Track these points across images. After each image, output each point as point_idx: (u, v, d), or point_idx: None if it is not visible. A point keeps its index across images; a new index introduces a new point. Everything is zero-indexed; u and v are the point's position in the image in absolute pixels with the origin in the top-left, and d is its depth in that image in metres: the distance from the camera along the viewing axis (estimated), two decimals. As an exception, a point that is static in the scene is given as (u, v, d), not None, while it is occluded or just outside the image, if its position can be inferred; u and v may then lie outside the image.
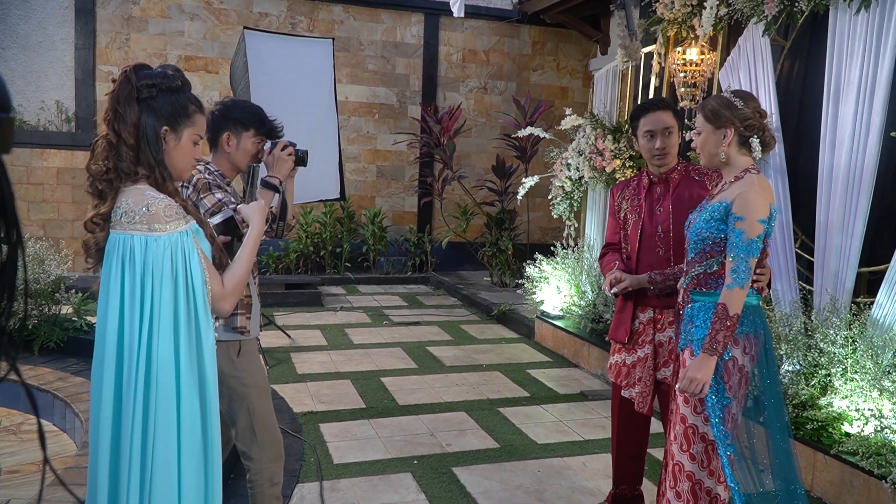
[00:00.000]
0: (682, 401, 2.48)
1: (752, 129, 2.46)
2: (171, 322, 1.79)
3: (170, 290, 1.79)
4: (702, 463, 2.45)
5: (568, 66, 10.99)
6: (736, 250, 2.35)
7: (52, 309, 5.24)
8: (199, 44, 9.37)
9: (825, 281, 4.02)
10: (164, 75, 1.88)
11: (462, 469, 3.78)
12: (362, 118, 10.18)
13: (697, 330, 2.45)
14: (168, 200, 1.83)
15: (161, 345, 1.78)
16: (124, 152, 1.83)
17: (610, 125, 6.16)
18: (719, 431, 2.37)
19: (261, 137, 2.70)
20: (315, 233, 9.53)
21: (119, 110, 1.82)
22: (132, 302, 1.79)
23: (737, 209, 2.37)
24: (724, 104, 2.47)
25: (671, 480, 2.51)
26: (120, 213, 1.82)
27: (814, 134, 4.27)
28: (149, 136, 1.85)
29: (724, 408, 2.38)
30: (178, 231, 1.81)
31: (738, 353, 2.42)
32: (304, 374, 5.38)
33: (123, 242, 1.80)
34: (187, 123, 1.92)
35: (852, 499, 3.43)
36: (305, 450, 3.92)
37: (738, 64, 4.69)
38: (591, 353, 5.80)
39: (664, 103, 3.07)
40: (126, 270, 1.79)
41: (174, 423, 1.80)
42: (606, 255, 3.28)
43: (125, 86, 1.84)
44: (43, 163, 8.71)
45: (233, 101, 2.75)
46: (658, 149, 3.00)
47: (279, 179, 2.69)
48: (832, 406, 3.65)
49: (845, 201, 3.91)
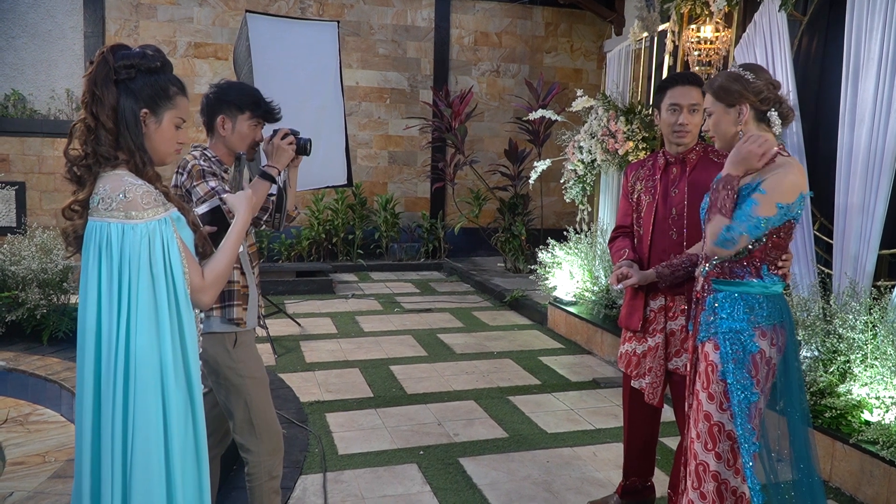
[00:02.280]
0: (707, 398, 2.33)
1: (768, 102, 2.31)
2: (151, 312, 1.73)
3: (147, 280, 1.73)
4: (728, 462, 2.31)
5: (582, 47, 10.82)
6: (739, 215, 2.22)
7: (61, 298, 5.23)
8: (208, 30, 9.30)
9: (844, 264, 3.89)
10: (142, 55, 1.80)
11: (469, 460, 3.71)
12: (373, 103, 10.09)
13: (722, 322, 2.31)
14: (146, 187, 1.77)
15: (140, 336, 1.72)
16: (103, 136, 1.76)
17: (623, 106, 6.02)
18: (744, 430, 2.23)
19: (257, 120, 2.62)
20: (327, 220, 9.48)
21: (96, 93, 1.76)
22: (110, 291, 1.73)
23: (765, 184, 2.23)
24: (734, 79, 2.33)
25: (695, 481, 2.37)
26: (97, 200, 1.75)
27: (833, 112, 4.13)
28: (128, 120, 1.78)
29: (750, 404, 2.25)
30: (156, 219, 1.74)
31: (766, 344, 2.28)
32: (312, 362, 5.33)
33: (100, 230, 1.74)
34: (168, 106, 1.84)
35: (872, 489, 3.32)
36: (310, 440, 3.86)
37: (753, 41, 4.54)
38: (605, 340, 5.70)
39: (696, 78, 2.91)
40: (103, 259, 1.73)
41: (157, 416, 1.74)
42: (617, 240, 3.16)
43: (102, 67, 1.76)
44: (54, 152, 8.71)
45: (228, 84, 2.66)
46: (680, 124, 2.86)
47: (277, 170, 2.60)
48: (851, 393, 3.53)
49: (865, 182, 3.78)
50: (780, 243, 2.32)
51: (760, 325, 2.29)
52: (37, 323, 5.05)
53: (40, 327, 5.06)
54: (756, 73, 2.33)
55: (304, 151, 2.67)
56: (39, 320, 5.04)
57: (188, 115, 1.93)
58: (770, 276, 2.32)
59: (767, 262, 2.32)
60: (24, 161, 8.71)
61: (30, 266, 5.12)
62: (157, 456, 1.75)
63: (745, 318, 2.30)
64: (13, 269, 5.11)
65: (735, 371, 2.27)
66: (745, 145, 2.29)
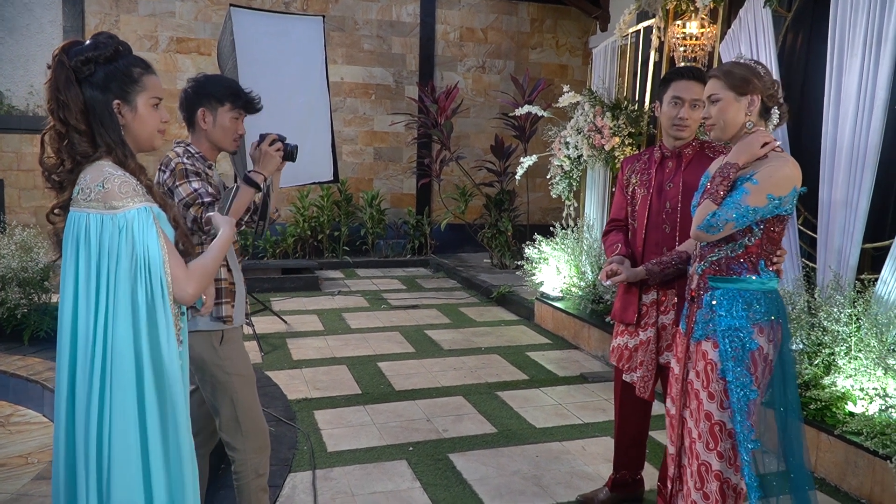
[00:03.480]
0: (707, 397, 2.32)
1: (773, 100, 2.33)
2: (128, 306, 1.69)
3: (127, 272, 1.69)
4: (729, 461, 2.30)
5: (567, 43, 10.83)
6: (727, 204, 2.23)
7: (42, 297, 5.16)
8: (190, 25, 9.22)
9: (828, 258, 3.92)
10: (95, 46, 1.75)
11: (458, 455, 3.71)
12: (358, 99, 10.04)
13: (721, 320, 2.30)
14: (125, 177, 1.73)
15: (118, 329, 1.69)
16: (77, 140, 1.73)
17: (609, 102, 6.03)
18: (743, 427, 2.23)
19: (238, 112, 2.58)
20: (312, 216, 9.44)
21: (61, 98, 1.71)
22: (87, 284, 1.70)
23: (759, 175, 2.23)
24: (749, 69, 2.32)
25: (697, 481, 2.36)
26: (77, 190, 1.72)
27: (817, 108, 4.15)
28: (101, 117, 1.74)
29: (749, 402, 2.25)
30: (134, 208, 1.70)
31: (764, 341, 2.28)
32: (299, 360, 5.30)
33: (79, 221, 1.71)
34: (138, 89, 1.79)
35: (857, 480, 3.35)
36: (299, 438, 3.85)
37: (739, 37, 4.56)
38: (592, 335, 5.71)
39: (700, 73, 2.89)
40: (81, 250, 1.70)
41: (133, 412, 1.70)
42: (610, 234, 3.15)
43: (60, 70, 1.71)
44: (33, 148, 8.52)
45: (205, 77, 2.61)
46: (680, 118, 2.86)
47: (263, 176, 2.55)
48: (836, 385, 3.56)
49: (849, 177, 3.81)
50: (775, 238, 2.32)
51: (759, 322, 2.29)
52: (17, 322, 4.98)
53: (21, 327, 4.99)
54: (765, 68, 2.35)
55: (291, 158, 2.63)
56: (20, 320, 4.97)
57: (162, 92, 1.87)
58: (766, 271, 2.32)
59: (764, 258, 2.32)
60: (1, 158, 8.59)
61: (9, 265, 5.04)
62: (134, 454, 1.71)
63: (744, 315, 2.29)
64: (-7, 268, 5.04)
65: (734, 369, 2.27)
66: (757, 136, 2.29)
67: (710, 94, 2.36)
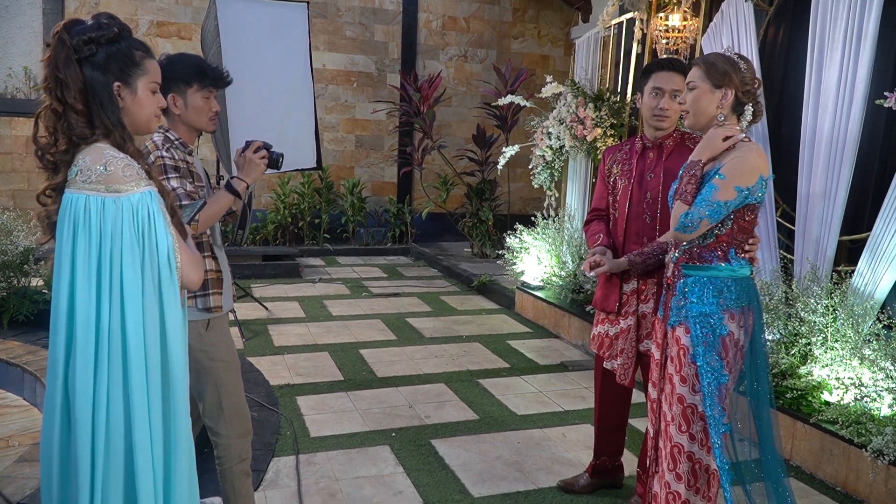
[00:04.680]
0: (679, 381, 2.38)
1: (749, 96, 2.35)
2: (137, 291, 1.66)
3: (133, 257, 1.66)
4: (700, 442, 2.36)
5: (549, 33, 10.84)
6: (700, 201, 2.27)
7: (22, 281, 5.11)
8: (171, 9, 9.11)
9: (806, 249, 3.99)
10: (98, 26, 1.71)
11: (441, 441, 3.74)
12: (340, 86, 10.00)
13: (692, 306, 2.36)
14: (128, 160, 1.70)
15: (129, 317, 1.66)
16: (74, 119, 1.69)
17: (591, 93, 6.07)
18: (714, 410, 2.29)
19: (208, 90, 2.51)
20: (293, 203, 9.40)
21: (60, 76, 1.67)
22: (87, 268, 1.65)
23: (724, 168, 2.28)
24: (728, 62, 2.35)
25: (670, 462, 2.42)
26: (75, 172, 1.68)
27: (797, 101, 4.21)
28: (101, 98, 1.71)
29: (720, 385, 2.30)
30: (139, 191, 1.68)
31: (735, 327, 2.34)
32: (281, 346, 5.30)
33: (76, 203, 1.66)
34: (139, 73, 1.76)
35: (832, 467, 3.43)
36: (282, 423, 3.86)
37: (720, 30, 4.61)
38: (572, 324, 5.77)
39: (680, 65, 2.94)
40: (79, 233, 1.65)
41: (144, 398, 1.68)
42: (592, 223, 3.20)
43: (61, 48, 1.68)
44: (11, 131, 8.48)
45: (168, 59, 2.50)
46: (660, 108, 2.90)
47: (246, 184, 2.51)
48: (812, 375, 3.64)
49: (828, 169, 3.87)
50: (746, 227, 2.37)
51: (729, 308, 2.35)
52: (-4, 306, 4.93)
53: (0, 310, 4.94)
54: (747, 64, 2.37)
55: (276, 166, 2.59)
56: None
57: (160, 77, 1.85)
58: (737, 259, 2.38)
59: (735, 246, 2.37)
60: (-21, 141, 8.47)
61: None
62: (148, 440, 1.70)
63: (714, 301, 2.35)
64: (-29, 252, 4.98)
65: (705, 354, 2.33)
66: (717, 131, 2.34)
67: (689, 81, 2.42)
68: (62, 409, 1.70)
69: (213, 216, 2.44)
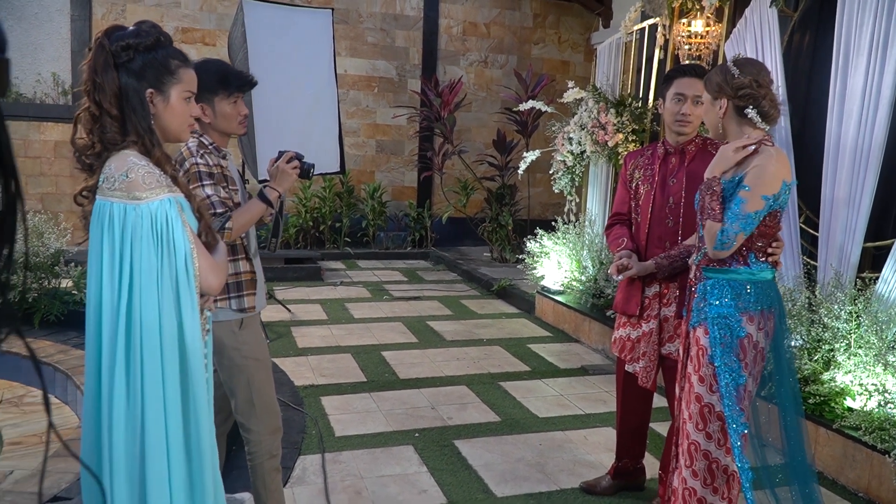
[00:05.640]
0: (697, 380, 2.42)
1: (747, 99, 2.34)
2: (153, 287, 1.72)
3: (151, 260, 1.72)
4: (718, 441, 2.41)
5: (569, 39, 10.88)
6: (729, 216, 2.30)
7: (52, 282, 5.22)
8: (196, 15, 9.25)
9: (830, 256, 3.99)
10: (137, 34, 1.77)
11: (463, 442, 3.78)
12: (361, 92, 10.09)
13: (711, 308, 2.40)
14: (149, 167, 1.74)
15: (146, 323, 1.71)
16: (108, 123, 1.75)
17: (613, 99, 6.10)
18: (732, 411, 2.32)
19: (235, 95, 2.55)
20: (314, 207, 9.49)
21: (97, 80, 1.73)
22: (112, 266, 1.72)
23: (748, 179, 2.31)
24: (719, 71, 2.39)
25: (687, 459, 2.46)
26: (102, 178, 1.74)
27: (821, 108, 4.22)
28: (133, 103, 1.76)
29: (738, 386, 2.34)
30: (158, 199, 1.72)
31: (753, 329, 2.37)
32: (304, 347, 5.37)
33: (102, 209, 1.73)
34: (173, 81, 1.82)
35: (854, 473, 3.43)
36: (307, 422, 3.91)
37: (744, 36, 4.63)
38: (592, 328, 5.79)
39: (703, 71, 2.95)
40: (105, 236, 1.72)
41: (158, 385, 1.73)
42: (614, 227, 3.22)
43: (100, 53, 1.73)
44: (40, 136, 8.64)
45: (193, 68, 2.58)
46: (682, 114, 2.93)
47: (278, 193, 2.57)
48: (835, 381, 3.64)
49: (852, 175, 3.87)
50: (767, 231, 2.40)
51: (748, 311, 2.38)
52: (28, 306, 5.03)
53: (31, 311, 5.04)
54: (743, 68, 2.36)
55: (307, 176, 2.64)
56: (31, 304, 5.02)
57: (195, 86, 1.90)
58: (757, 263, 2.41)
59: (754, 251, 2.41)
60: (9, 144, 8.61)
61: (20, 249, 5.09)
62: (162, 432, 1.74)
63: (732, 303, 2.38)
64: (3, 252, 5.09)
65: (723, 355, 2.36)
66: (728, 146, 2.38)
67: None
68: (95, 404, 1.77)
69: (245, 224, 2.49)
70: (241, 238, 2.57)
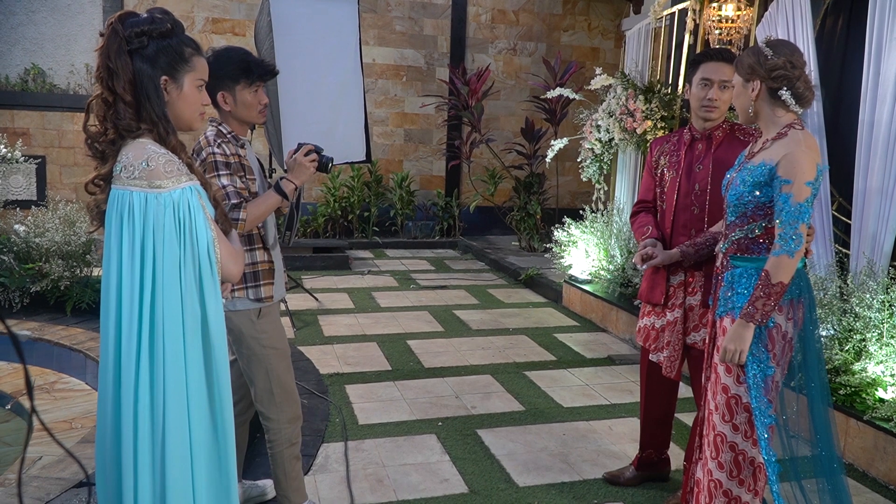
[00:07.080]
0: (724, 370, 2.38)
1: (781, 81, 2.28)
2: (176, 278, 1.72)
3: (174, 249, 1.72)
4: (745, 433, 2.36)
5: (599, 26, 10.75)
6: (784, 215, 2.23)
7: (84, 271, 5.32)
8: (226, 5, 9.31)
9: (862, 244, 3.90)
10: (151, 20, 1.75)
11: (487, 431, 3.78)
12: (390, 81, 10.08)
13: (738, 297, 2.35)
14: (168, 156, 1.74)
15: (168, 312, 1.71)
16: (122, 110, 1.73)
17: (641, 85, 6.01)
18: (759, 402, 2.27)
19: (256, 84, 2.56)
20: (343, 197, 9.53)
21: (111, 66, 1.71)
22: (132, 258, 1.71)
23: (783, 172, 2.24)
24: (751, 53, 2.33)
25: (712, 451, 2.42)
26: (119, 168, 1.73)
27: (854, 93, 4.12)
28: (147, 90, 1.75)
29: (766, 378, 2.29)
30: (180, 187, 1.72)
31: (782, 319, 2.32)
32: (330, 336, 5.40)
33: (122, 198, 1.72)
34: (186, 69, 1.81)
35: (885, 465, 3.36)
36: (331, 410, 3.94)
37: (776, 19, 4.52)
38: (620, 318, 5.74)
39: (729, 55, 2.91)
40: (125, 226, 1.71)
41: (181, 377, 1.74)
42: (639, 215, 3.17)
43: (114, 39, 1.72)
44: (74, 126, 8.78)
45: (215, 56, 2.52)
46: (709, 99, 2.87)
47: (295, 185, 2.55)
48: (866, 371, 3.56)
49: (885, 163, 3.78)
50: None
51: None
52: (60, 294, 5.14)
53: (63, 298, 5.15)
54: (776, 49, 2.30)
55: (325, 169, 2.62)
56: (63, 292, 5.13)
57: (207, 74, 1.90)
58: None
59: None
60: (44, 135, 8.79)
61: (53, 238, 5.20)
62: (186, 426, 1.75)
63: None
64: (37, 242, 5.21)
65: (751, 345, 2.31)
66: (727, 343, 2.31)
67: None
68: (114, 392, 1.77)
69: (259, 216, 2.48)
70: (258, 228, 2.58)
